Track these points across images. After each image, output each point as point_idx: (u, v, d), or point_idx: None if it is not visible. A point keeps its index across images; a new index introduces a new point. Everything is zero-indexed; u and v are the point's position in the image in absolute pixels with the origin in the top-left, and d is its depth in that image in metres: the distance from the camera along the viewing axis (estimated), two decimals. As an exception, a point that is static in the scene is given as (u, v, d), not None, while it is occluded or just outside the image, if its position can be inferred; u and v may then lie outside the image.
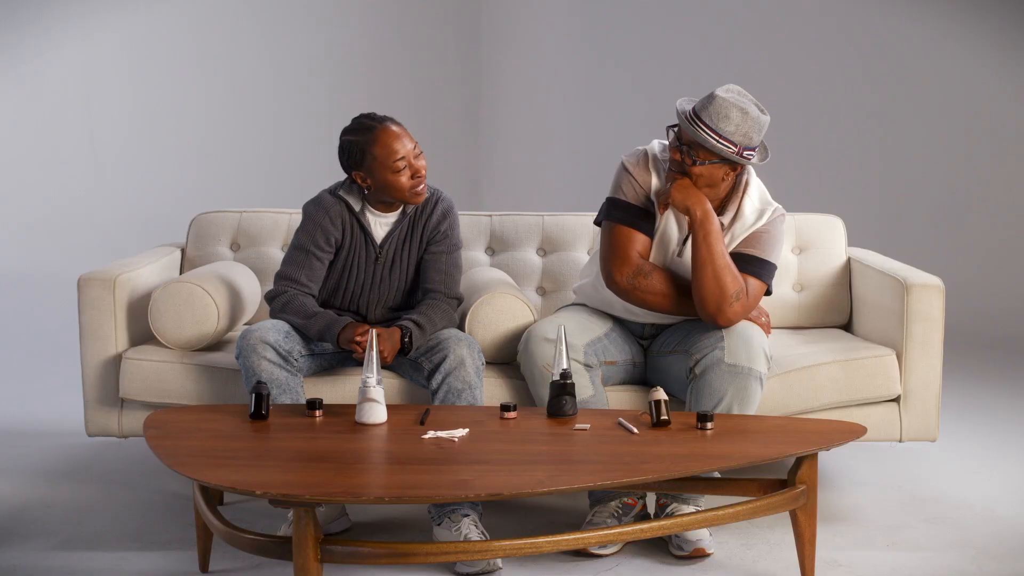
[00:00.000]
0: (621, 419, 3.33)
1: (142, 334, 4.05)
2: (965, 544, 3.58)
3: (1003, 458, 4.47)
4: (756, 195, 3.69)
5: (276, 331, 3.60)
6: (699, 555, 3.44)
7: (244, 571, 3.36)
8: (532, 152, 8.60)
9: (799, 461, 3.21)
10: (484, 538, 3.38)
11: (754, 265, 3.64)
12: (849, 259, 4.37)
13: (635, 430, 3.25)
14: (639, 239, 3.67)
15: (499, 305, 3.85)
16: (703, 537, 3.46)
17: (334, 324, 3.60)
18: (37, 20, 7.33)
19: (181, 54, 7.79)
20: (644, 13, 8.03)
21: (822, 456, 3.85)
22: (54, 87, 7.47)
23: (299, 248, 3.73)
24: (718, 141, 3.50)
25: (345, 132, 3.70)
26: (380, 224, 3.76)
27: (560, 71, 8.42)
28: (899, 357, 3.87)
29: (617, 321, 3.82)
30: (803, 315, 4.36)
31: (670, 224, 3.69)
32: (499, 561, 3.32)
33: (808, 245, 4.39)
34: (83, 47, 7.51)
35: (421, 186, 3.67)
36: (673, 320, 3.77)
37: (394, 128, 3.66)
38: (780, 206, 3.71)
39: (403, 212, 3.77)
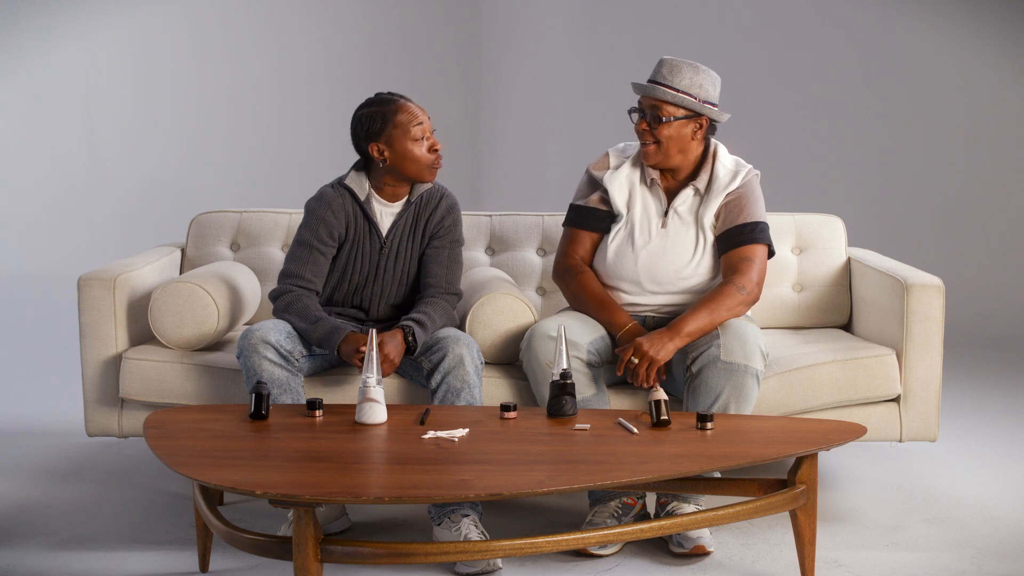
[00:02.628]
0: (621, 419, 3.33)
1: (142, 334, 4.05)
2: (965, 544, 3.58)
3: (1003, 458, 4.47)
4: (729, 160, 3.81)
5: (277, 331, 3.59)
6: (699, 552, 3.44)
7: (244, 571, 3.35)
8: (532, 152, 8.59)
9: (799, 461, 3.21)
10: (484, 538, 3.38)
11: (747, 232, 3.70)
12: (849, 259, 4.37)
13: (635, 430, 3.24)
14: (585, 238, 3.84)
15: (499, 305, 3.85)
16: (703, 534, 3.46)
17: (335, 334, 3.58)
18: (37, 20, 7.33)
19: (181, 54, 7.79)
20: (643, 14, 8.03)
21: (822, 456, 3.86)
22: (54, 87, 7.47)
23: (302, 244, 3.73)
24: (677, 92, 3.67)
25: (363, 106, 3.72)
26: (385, 214, 3.77)
27: (560, 71, 8.42)
28: (899, 357, 3.86)
29: (617, 321, 3.83)
30: (803, 315, 4.36)
31: (648, 201, 3.79)
32: (499, 561, 3.32)
33: (808, 245, 4.39)
34: (83, 47, 7.50)
35: (438, 161, 3.70)
36: (670, 317, 3.77)
37: (412, 104, 3.74)
38: (753, 167, 3.81)
39: (408, 202, 3.77)
